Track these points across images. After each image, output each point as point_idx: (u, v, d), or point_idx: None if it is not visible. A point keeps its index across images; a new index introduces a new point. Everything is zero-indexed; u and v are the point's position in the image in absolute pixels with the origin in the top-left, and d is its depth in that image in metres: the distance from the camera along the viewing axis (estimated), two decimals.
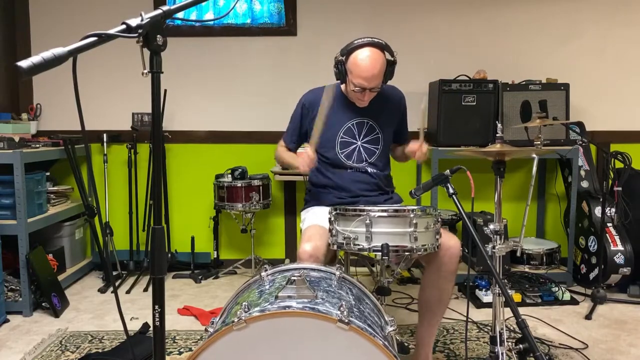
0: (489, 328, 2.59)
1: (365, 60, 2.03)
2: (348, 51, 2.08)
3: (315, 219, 2.11)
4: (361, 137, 2.25)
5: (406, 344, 2.37)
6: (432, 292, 2.02)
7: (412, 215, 1.70)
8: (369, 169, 2.26)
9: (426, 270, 2.06)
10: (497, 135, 1.91)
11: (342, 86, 2.27)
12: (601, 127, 3.67)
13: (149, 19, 1.04)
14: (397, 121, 2.35)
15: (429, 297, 2.04)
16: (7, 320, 2.75)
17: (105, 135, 3.60)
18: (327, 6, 3.64)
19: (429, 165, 3.45)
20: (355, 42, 2.07)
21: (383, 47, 2.07)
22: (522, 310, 2.00)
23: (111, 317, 2.84)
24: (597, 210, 3.19)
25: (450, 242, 1.94)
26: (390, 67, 2.11)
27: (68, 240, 3.47)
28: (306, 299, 1.30)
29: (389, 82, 2.21)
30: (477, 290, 3.06)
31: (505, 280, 3.09)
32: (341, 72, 2.12)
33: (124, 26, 1.03)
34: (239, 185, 3.34)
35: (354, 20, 3.62)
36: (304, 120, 2.32)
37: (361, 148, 2.25)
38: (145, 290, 3.28)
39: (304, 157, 2.06)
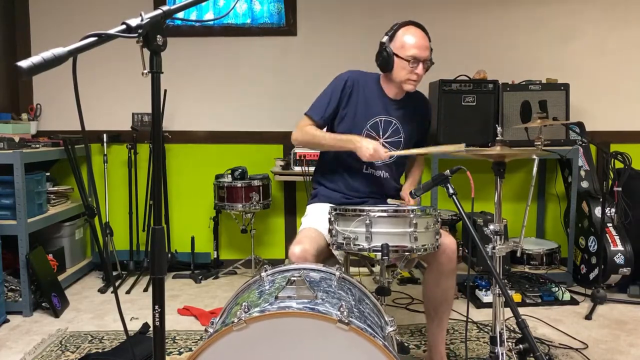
0: (489, 328, 2.59)
1: (414, 32, 2.08)
2: (393, 31, 2.11)
3: (314, 220, 2.10)
4: (384, 136, 2.19)
5: (406, 344, 2.37)
6: (436, 292, 2.03)
7: (412, 216, 1.70)
8: (383, 174, 2.21)
9: (427, 271, 2.07)
10: (497, 138, 1.91)
11: (381, 78, 2.22)
12: (601, 127, 3.67)
13: (149, 19, 1.04)
14: (421, 130, 2.33)
15: (433, 297, 2.05)
16: (7, 320, 2.75)
17: (105, 135, 3.60)
18: (327, 6, 3.64)
19: (429, 165, 3.45)
20: (398, 23, 2.12)
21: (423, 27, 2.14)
22: (522, 310, 2.00)
23: (111, 317, 2.84)
24: (597, 211, 3.19)
25: (446, 241, 1.94)
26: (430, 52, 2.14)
27: (68, 241, 3.47)
28: (306, 299, 1.30)
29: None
30: (477, 290, 3.06)
31: (505, 281, 3.09)
32: (390, 55, 2.08)
33: (124, 26, 1.03)
34: (239, 185, 3.34)
35: (354, 21, 3.62)
36: (343, 98, 2.17)
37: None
38: (145, 290, 3.28)
39: (374, 148, 1.96)
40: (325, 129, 2.23)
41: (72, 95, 1.05)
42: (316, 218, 2.09)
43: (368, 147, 1.98)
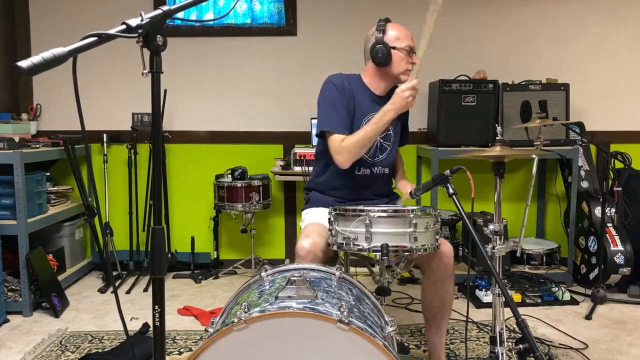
0: (489, 328, 2.59)
1: (399, 25, 2.19)
2: (382, 26, 2.15)
3: (315, 218, 2.10)
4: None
5: (406, 344, 2.37)
6: (434, 298, 2.03)
7: (411, 216, 1.70)
8: (378, 170, 2.21)
9: (424, 276, 2.06)
10: (497, 138, 1.91)
11: (363, 76, 2.22)
12: (601, 127, 3.67)
13: (149, 19, 1.04)
14: (403, 123, 2.35)
15: (431, 302, 2.04)
16: (7, 320, 2.75)
17: (105, 135, 3.60)
18: (327, 6, 3.64)
19: (429, 165, 3.45)
20: (382, 19, 2.19)
21: None
22: (522, 310, 2.00)
23: (111, 317, 2.84)
24: (597, 211, 3.19)
25: (444, 248, 1.93)
26: None
27: (68, 240, 3.47)
28: (306, 299, 1.30)
29: None
30: (477, 290, 3.06)
31: (505, 281, 3.09)
32: (387, 46, 2.11)
33: (124, 26, 1.03)
34: (239, 185, 3.34)
35: (354, 21, 3.62)
36: (344, 99, 2.11)
37: (379, 143, 2.19)
38: (145, 290, 3.28)
39: (406, 92, 1.99)
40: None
41: (72, 95, 1.05)
42: (318, 215, 2.09)
43: (403, 92, 2.00)
